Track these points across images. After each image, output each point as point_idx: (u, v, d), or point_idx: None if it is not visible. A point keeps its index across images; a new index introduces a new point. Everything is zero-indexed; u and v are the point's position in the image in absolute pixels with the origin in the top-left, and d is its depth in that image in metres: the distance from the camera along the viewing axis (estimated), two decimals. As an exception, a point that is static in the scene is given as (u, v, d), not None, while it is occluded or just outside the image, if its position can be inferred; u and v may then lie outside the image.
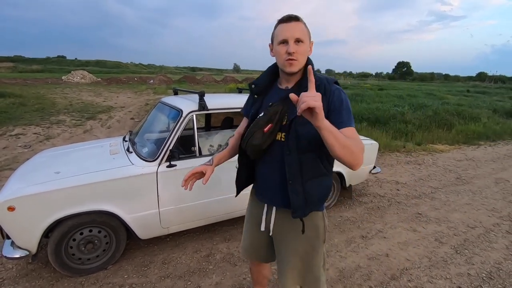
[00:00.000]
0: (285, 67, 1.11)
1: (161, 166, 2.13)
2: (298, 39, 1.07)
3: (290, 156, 1.10)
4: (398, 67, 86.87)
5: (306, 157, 1.10)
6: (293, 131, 1.08)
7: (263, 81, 1.23)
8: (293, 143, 1.09)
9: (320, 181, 1.15)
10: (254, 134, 1.11)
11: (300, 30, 1.07)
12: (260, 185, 1.27)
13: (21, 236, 1.84)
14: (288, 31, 1.07)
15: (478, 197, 3.72)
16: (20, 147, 5.13)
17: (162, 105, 2.74)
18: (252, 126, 1.14)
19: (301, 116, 0.92)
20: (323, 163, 1.15)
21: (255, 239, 1.37)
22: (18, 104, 8.89)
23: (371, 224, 2.95)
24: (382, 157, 5.41)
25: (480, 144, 6.86)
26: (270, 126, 1.10)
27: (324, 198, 1.20)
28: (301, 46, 1.08)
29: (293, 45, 1.06)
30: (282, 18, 1.10)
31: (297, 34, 1.06)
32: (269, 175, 1.21)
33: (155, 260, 2.29)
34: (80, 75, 22.38)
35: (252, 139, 1.11)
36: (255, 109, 1.21)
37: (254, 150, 1.14)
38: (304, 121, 0.96)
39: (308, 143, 1.08)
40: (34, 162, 2.43)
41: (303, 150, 1.09)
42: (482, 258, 2.43)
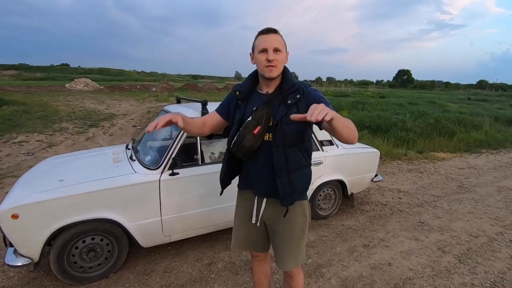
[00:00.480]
0: (265, 73, 1.25)
1: (164, 174, 2.15)
2: (276, 49, 1.22)
3: (277, 152, 1.25)
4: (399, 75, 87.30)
5: (290, 151, 1.26)
6: (280, 130, 1.23)
7: (247, 88, 1.34)
8: (280, 140, 1.24)
9: (302, 172, 1.31)
10: (245, 137, 1.23)
11: (278, 40, 1.23)
12: (252, 180, 1.38)
13: (24, 244, 1.85)
14: (267, 41, 1.22)
15: (480, 206, 3.70)
16: (23, 154, 5.16)
17: (165, 113, 2.77)
18: (242, 130, 1.25)
19: (284, 116, 1.20)
20: (304, 155, 1.31)
21: (251, 232, 1.47)
22: (21, 111, 8.98)
23: (373, 232, 2.94)
24: (383, 165, 5.41)
25: (482, 152, 6.85)
26: (259, 128, 1.23)
27: (306, 187, 1.36)
28: (279, 55, 1.23)
29: (272, 54, 1.21)
30: (262, 30, 1.25)
31: (275, 44, 1.22)
32: (259, 170, 1.33)
33: (157, 268, 2.28)
34: (83, 83, 22.59)
35: (244, 141, 1.23)
36: (240, 114, 1.32)
37: (247, 151, 1.26)
38: (287, 121, 1.18)
39: (292, 139, 1.25)
40: (37, 169, 2.45)
41: (288, 145, 1.25)
42: (485, 267, 2.41)
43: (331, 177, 2.99)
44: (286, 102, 1.23)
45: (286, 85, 1.27)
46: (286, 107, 1.23)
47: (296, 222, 1.37)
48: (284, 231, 1.38)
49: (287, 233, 1.38)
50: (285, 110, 1.23)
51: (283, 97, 1.25)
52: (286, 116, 1.22)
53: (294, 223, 1.37)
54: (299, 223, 1.38)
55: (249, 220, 1.44)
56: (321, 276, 2.24)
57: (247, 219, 1.45)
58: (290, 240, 1.38)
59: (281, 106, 1.24)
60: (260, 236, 1.48)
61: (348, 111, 10.29)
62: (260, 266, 1.64)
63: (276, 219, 1.38)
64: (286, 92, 1.25)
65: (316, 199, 3.02)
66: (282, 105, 1.25)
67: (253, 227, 1.45)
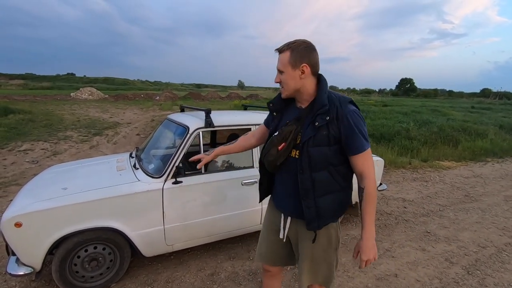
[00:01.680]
0: None
1: (167, 183, 2.14)
2: (279, 70, 1.22)
3: (303, 175, 1.19)
4: (402, 83, 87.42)
5: (318, 175, 1.18)
6: (305, 152, 1.17)
7: (278, 100, 1.33)
8: (305, 163, 1.18)
9: (333, 197, 1.23)
10: (270, 151, 1.24)
11: (281, 61, 1.20)
12: (277, 195, 1.38)
13: (26, 252, 1.84)
14: (277, 61, 1.23)
15: (488, 215, 3.63)
16: (28, 162, 5.20)
17: (169, 122, 2.78)
18: (269, 143, 1.26)
19: (312, 137, 1.15)
20: (337, 179, 1.22)
21: (273, 245, 1.44)
22: (27, 120, 9.08)
23: (379, 242, 2.89)
24: (387, 173, 5.36)
25: (488, 160, 6.78)
26: (283, 145, 1.21)
27: (338, 212, 1.29)
28: (283, 75, 1.21)
29: (277, 76, 1.24)
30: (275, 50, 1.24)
31: (278, 65, 1.22)
32: (284, 187, 1.31)
33: (159, 278, 2.25)
34: (88, 92, 22.90)
35: (268, 155, 1.24)
36: (274, 125, 1.32)
37: (269, 165, 1.27)
38: (315, 143, 1.16)
39: (320, 163, 1.17)
40: (41, 178, 2.46)
41: (315, 169, 1.18)
42: (495, 279, 2.35)
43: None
44: (314, 123, 1.16)
45: (316, 104, 1.18)
46: (314, 129, 1.16)
47: (319, 243, 1.29)
48: (303, 250, 1.33)
49: (307, 253, 1.32)
50: (313, 132, 1.16)
51: (312, 116, 1.18)
52: (314, 138, 1.15)
53: (317, 244, 1.29)
54: (321, 245, 1.30)
55: (274, 233, 1.42)
56: None
57: (273, 231, 1.43)
58: (310, 260, 1.32)
59: (310, 127, 1.17)
60: (280, 251, 1.44)
61: (351, 119, 10.26)
62: (270, 282, 1.60)
63: (298, 238, 1.35)
64: (316, 111, 1.17)
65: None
66: (310, 126, 1.17)
67: (277, 241, 1.42)
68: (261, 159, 1.32)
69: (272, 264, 1.50)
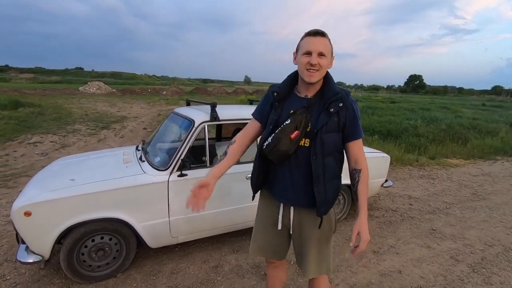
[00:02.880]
0: (305, 77, 1.21)
1: (173, 175, 2.16)
2: (321, 53, 1.17)
3: (316, 160, 1.21)
4: (410, 80, 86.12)
5: (328, 160, 1.23)
6: (319, 138, 1.20)
7: (285, 89, 1.30)
8: (319, 149, 1.20)
9: (336, 182, 1.29)
10: (282, 140, 1.19)
11: (324, 44, 1.18)
12: (279, 186, 1.33)
13: (35, 241, 1.88)
14: (313, 44, 1.17)
15: (495, 214, 3.58)
16: (37, 154, 5.30)
17: (175, 115, 2.80)
18: (279, 133, 1.21)
19: (325, 124, 1.19)
20: (338, 166, 1.29)
21: (273, 238, 1.43)
22: (36, 113, 9.24)
23: (383, 239, 2.88)
24: (394, 170, 5.31)
25: (497, 159, 6.65)
26: (297, 133, 1.19)
27: (336, 197, 1.32)
28: (323, 60, 1.18)
29: (316, 58, 1.17)
30: (310, 31, 1.20)
31: (321, 48, 1.17)
32: (291, 177, 1.28)
33: (164, 269, 2.29)
34: (96, 86, 23.14)
35: (280, 145, 1.19)
36: (276, 115, 1.27)
37: (281, 155, 1.22)
38: (328, 129, 1.20)
39: (330, 148, 1.22)
40: (50, 169, 2.51)
41: (326, 154, 1.22)
42: (501, 278, 2.33)
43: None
44: (329, 110, 1.19)
45: (329, 92, 1.22)
46: (328, 115, 1.20)
47: (323, 229, 1.33)
48: (307, 239, 1.34)
49: (311, 240, 1.34)
50: (326, 118, 1.20)
51: (325, 104, 1.21)
52: (327, 124, 1.20)
53: (321, 230, 1.32)
54: (324, 230, 1.33)
55: (272, 226, 1.40)
56: (329, 282, 2.20)
57: (270, 224, 1.41)
58: (313, 247, 1.34)
59: (323, 114, 1.20)
60: (281, 243, 1.44)
61: (358, 116, 10.16)
62: (275, 272, 1.60)
63: (301, 227, 1.35)
64: (329, 99, 1.20)
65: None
66: (323, 113, 1.20)
67: (275, 233, 1.41)
68: (264, 149, 1.25)
69: (272, 257, 1.50)
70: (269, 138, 1.23)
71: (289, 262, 2.39)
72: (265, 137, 1.27)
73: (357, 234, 1.19)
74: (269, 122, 1.29)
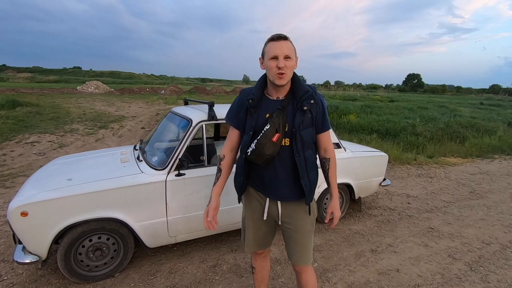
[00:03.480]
0: (275, 80, 1.26)
1: (170, 175, 2.16)
2: (287, 56, 1.23)
3: (299, 157, 1.30)
4: (409, 79, 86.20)
5: (308, 153, 1.34)
6: (299, 136, 1.29)
7: (258, 95, 1.34)
8: (300, 145, 1.30)
9: (316, 171, 1.39)
10: (266, 145, 1.25)
11: (288, 47, 1.24)
12: (266, 185, 1.39)
13: (32, 241, 1.88)
14: (278, 48, 1.23)
15: (493, 212, 3.59)
16: (35, 154, 5.28)
17: (173, 114, 2.79)
18: (261, 139, 1.26)
19: (301, 123, 1.28)
20: (315, 156, 1.41)
21: (261, 229, 1.51)
22: (34, 113, 9.19)
23: (381, 238, 2.88)
24: (392, 169, 5.32)
25: (495, 157, 6.68)
26: (278, 135, 1.26)
27: (316, 183, 1.42)
28: (289, 62, 1.24)
29: (283, 61, 1.23)
30: (273, 36, 1.26)
31: (286, 51, 1.23)
32: (275, 175, 1.35)
33: (162, 269, 2.28)
34: (94, 85, 23.04)
35: (264, 150, 1.26)
36: (253, 121, 1.33)
37: (267, 159, 1.29)
38: (304, 125, 1.30)
39: (308, 143, 1.33)
40: (47, 169, 2.50)
41: (306, 149, 1.33)
42: (498, 276, 2.33)
43: (338, 180, 2.95)
44: (302, 108, 1.28)
45: (299, 91, 1.30)
46: (302, 114, 1.29)
47: (310, 216, 1.44)
48: (297, 228, 1.42)
49: (300, 229, 1.43)
50: (302, 116, 1.28)
51: (297, 103, 1.29)
52: (303, 122, 1.29)
53: (306, 218, 1.43)
54: (310, 218, 1.45)
55: (259, 219, 1.47)
56: (327, 281, 2.20)
57: (257, 218, 1.48)
58: (302, 236, 1.43)
59: (298, 113, 1.28)
60: (268, 232, 1.53)
61: (357, 114, 10.19)
62: (263, 263, 1.68)
63: (290, 217, 1.42)
64: (300, 98, 1.29)
65: (323, 203, 2.99)
66: (298, 112, 1.28)
67: (263, 224, 1.49)
68: (249, 156, 1.30)
69: (263, 248, 1.59)
70: (252, 145, 1.29)
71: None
72: (246, 143, 1.32)
73: (331, 213, 1.43)
74: (248, 128, 1.34)
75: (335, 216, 1.42)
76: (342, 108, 11.40)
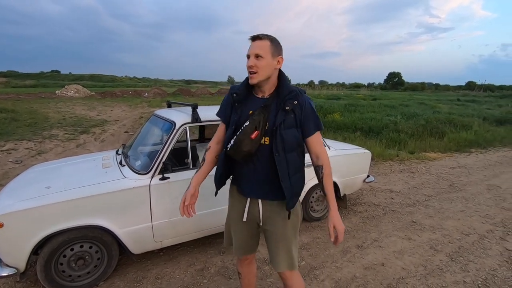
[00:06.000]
0: (249, 79, 1.29)
1: (154, 179, 2.12)
2: (257, 55, 1.24)
3: (279, 156, 1.27)
4: (390, 77, 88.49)
5: (290, 156, 1.28)
6: (279, 135, 1.26)
7: (243, 90, 1.35)
8: (280, 145, 1.26)
9: (301, 175, 1.35)
10: (243, 141, 1.24)
11: (260, 47, 1.24)
12: (246, 183, 1.39)
13: (9, 253, 1.80)
14: (251, 47, 1.26)
15: (471, 204, 3.75)
16: (11, 162, 5.05)
17: (156, 118, 2.75)
18: (240, 135, 1.26)
19: (283, 121, 1.25)
20: (301, 159, 1.35)
21: (241, 232, 1.48)
22: (10, 119, 8.81)
23: (367, 233, 2.95)
24: (375, 166, 5.45)
25: (472, 151, 6.97)
26: (256, 133, 1.25)
27: (302, 189, 1.38)
28: (260, 61, 1.24)
29: (252, 60, 1.24)
30: (250, 37, 1.28)
31: (256, 50, 1.24)
32: (255, 173, 1.34)
33: (148, 275, 2.24)
34: (74, 89, 22.32)
35: (242, 146, 1.25)
36: (236, 116, 1.33)
37: (244, 155, 1.28)
38: (286, 125, 1.26)
39: (291, 144, 1.28)
40: (24, 177, 2.40)
41: (288, 150, 1.28)
42: (477, 265, 2.43)
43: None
44: (285, 108, 1.26)
45: (283, 90, 1.29)
46: (284, 113, 1.26)
47: (291, 221, 1.38)
48: (277, 231, 1.39)
49: (281, 232, 1.38)
50: (283, 116, 1.26)
51: (280, 102, 1.27)
52: (285, 121, 1.26)
53: (289, 222, 1.38)
54: (292, 222, 1.39)
55: (240, 220, 1.44)
56: (314, 278, 2.23)
57: (238, 219, 1.45)
58: (283, 240, 1.39)
59: (280, 112, 1.26)
60: (252, 235, 1.49)
61: (341, 113, 10.37)
62: (249, 268, 1.65)
63: (271, 219, 1.39)
64: (284, 98, 1.27)
65: (309, 201, 3.02)
66: (280, 111, 1.26)
67: (244, 227, 1.46)
68: (229, 151, 1.30)
69: (248, 254, 1.55)
70: (232, 140, 1.29)
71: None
72: (228, 138, 1.32)
73: (334, 228, 1.27)
74: (231, 123, 1.35)
75: (339, 231, 1.26)
76: (327, 107, 11.59)
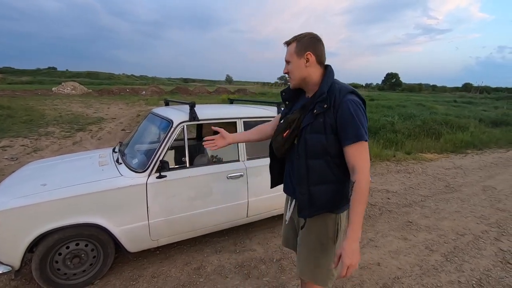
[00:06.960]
0: None
1: (151, 177, 2.11)
2: (287, 60, 1.27)
3: (299, 160, 1.23)
4: (387, 78, 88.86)
5: (314, 163, 1.20)
6: (303, 138, 1.21)
7: (289, 90, 1.38)
8: (302, 149, 1.22)
9: (329, 187, 1.21)
10: (276, 137, 1.32)
11: (288, 52, 1.26)
12: (285, 180, 1.43)
13: (4, 251, 1.79)
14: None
15: (466, 205, 3.77)
16: (7, 159, 5.01)
17: (153, 116, 2.74)
18: (276, 130, 1.35)
19: (309, 124, 1.19)
20: (332, 170, 1.20)
21: (284, 228, 1.54)
22: (5, 116, 8.73)
23: (363, 233, 2.96)
24: (372, 166, 5.47)
25: (468, 152, 7.01)
26: (287, 132, 1.27)
27: (332, 203, 1.23)
28: (290, 66, 1.27)
29: (285, 66, 1.29)
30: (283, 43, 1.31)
31: (286, 56, 1.27)
32: (291, 171, 1.35)
33: (144, 274, 2.23)
34: (71, 86, 22.15)
35: (275, 141, 1.33)
36: (284, 114, 1.39)
37: (277, 151, 1.34)
38: (312, 129, 1.19)
39: (315, 150, 1.19)
40: (20, 174, 2.38)
41: (310, 156, 1.20)
42: (471, 265, 2.45)
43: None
44: (313, 111, 1.18)
45: (318, 92, 1.21)
46: (312, 116, 1.18)
47: (313, 231, 1.29)
48: (304, 237, 1.33)
49: (304, 239, 1.33)
50: (310, 119, 1.19)
51: (313, 105, 1.20)
52: (312, 125, 1.18)
53: (311, 231, 1.29)
54: (316, 233, 1.28)
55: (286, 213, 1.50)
56: None
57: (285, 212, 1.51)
58: (305, 247, 1.32)
59: (308, 114, 1.20)
60: (290, 233, 1.51)
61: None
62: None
63: (299, 222, 1.37)
64: (316, 100, 1.19)
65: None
66: (309, 113, 1.20)
67: (286, 226, 1.51)
68: (270, 145, 1.39)
69: (285, 246, 1.57)
70: None
71: (272, 260, 2.39)
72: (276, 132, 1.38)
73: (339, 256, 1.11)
74: (281, 117, 1.39)
75: (343, 263, 1.08)
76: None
